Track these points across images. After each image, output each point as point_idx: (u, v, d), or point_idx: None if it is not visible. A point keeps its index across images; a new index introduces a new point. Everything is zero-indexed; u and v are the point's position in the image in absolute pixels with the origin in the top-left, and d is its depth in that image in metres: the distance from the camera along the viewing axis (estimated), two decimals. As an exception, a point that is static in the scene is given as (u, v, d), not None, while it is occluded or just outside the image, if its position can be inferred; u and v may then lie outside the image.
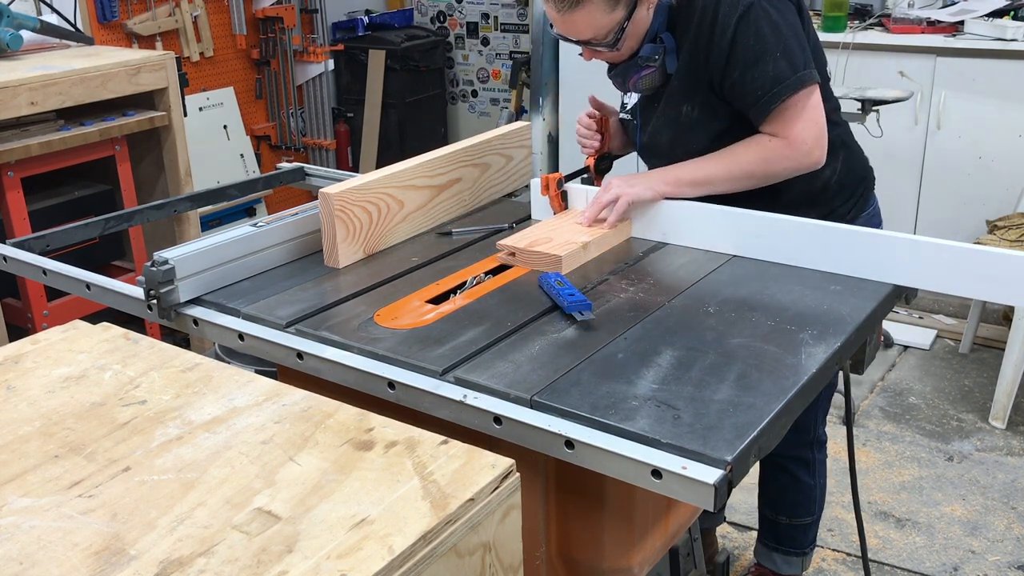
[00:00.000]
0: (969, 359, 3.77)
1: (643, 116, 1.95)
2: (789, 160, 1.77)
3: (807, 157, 1.78)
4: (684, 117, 1.85)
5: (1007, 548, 2.67)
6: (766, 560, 2.40)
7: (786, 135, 1.76)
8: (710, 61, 1.77)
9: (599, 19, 1.73)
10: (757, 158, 1.78)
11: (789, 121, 1.76)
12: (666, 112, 1.88)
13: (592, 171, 1.98)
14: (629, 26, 1.76)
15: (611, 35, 1.76)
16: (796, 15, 1.80)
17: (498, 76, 5.82)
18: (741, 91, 1.77)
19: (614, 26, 1.75)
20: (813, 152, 1.78)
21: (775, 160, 1.77)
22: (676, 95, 1.85)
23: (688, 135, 1.86)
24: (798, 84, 1.74)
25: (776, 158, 1.77)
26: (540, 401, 1.25)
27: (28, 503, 0.95)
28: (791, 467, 2.24)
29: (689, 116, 1.85)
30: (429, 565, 0.89)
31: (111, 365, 1.24)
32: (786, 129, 1.76)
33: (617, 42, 1.77)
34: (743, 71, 1.75)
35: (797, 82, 1.74)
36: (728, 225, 1.75)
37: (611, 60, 1.87)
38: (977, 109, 3.81)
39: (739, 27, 1.73)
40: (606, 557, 1.45)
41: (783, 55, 1.74)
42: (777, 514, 2.32)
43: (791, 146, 1.76)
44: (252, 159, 5.06)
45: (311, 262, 1.78)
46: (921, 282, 1.61)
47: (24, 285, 2.99)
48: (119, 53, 3.26)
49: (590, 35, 1.77)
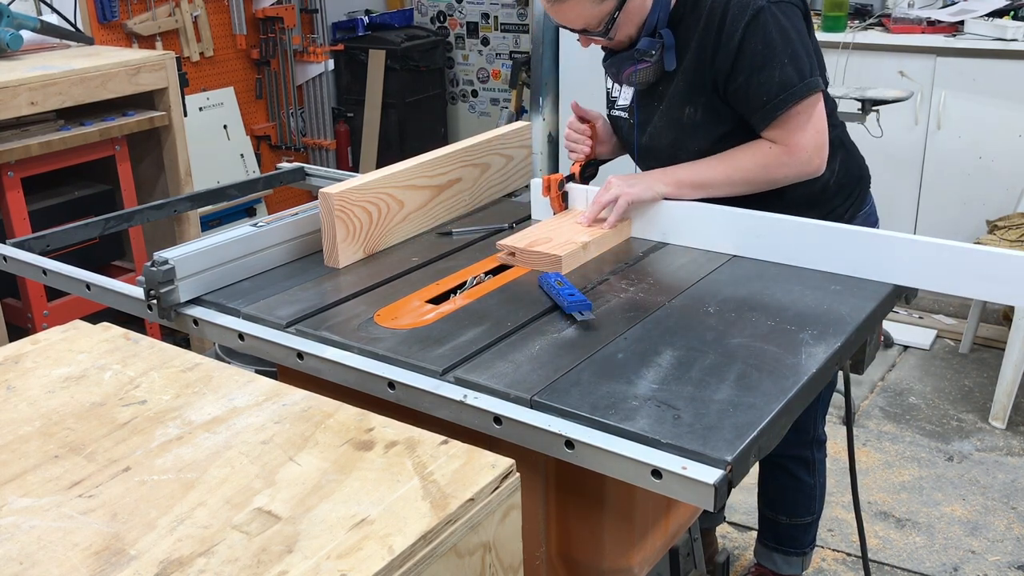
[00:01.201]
0: (969, 359, 3.77)
1: (641, 116, 1.94)
2: (789, 168, 1.77)
3: (807, 165, 1.78)
4: (687, 119, 1.85)
5: (1007, 548, 2.67)
6: (766, 560, 2.40)
7: (787, 143, 1.76)
8: (715, 63, 1.77)
9: (588, 10, 1.74)
10: (757, 165, 1.78)
11: (792, 129, 1.75)
12: (668, 113, 1.87)
13: (578, 178, 1.97)
14: (621, 15, 1.76)
15: (603, 25, 1.76)
16: (803, 21, 1.80)
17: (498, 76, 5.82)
18: (746, 96, 1.76)
19: (604, 16, 1.75)
20: (813, 160, 1.78)
21: (775, 167, 1.77)
22: (679, 96, 1.84)
23: (690, 137, 1.86)
24: (804, 91, 1.73)
25: (776, 165, 1.77)
26: (540, 401, 1.25)
27: (28, 503, 0.95)
28: (791, 467, 2.24)
29: (692, 118, 1.84)
30: (429, 565, 0.89)
31: (111, 365, 1.24)
32: (788, 137, 1.76)
33: (609, 31, 1.77)
34: (749, 76, 1.74)
35: (804, 89, 1.73)
36: (728, 225, 1.75)
37: (609, 47, 1.87)
38: (977, 109, 3.81)
39: (748, 31, 1.72)
40: (606, 557, 1.45)
41: (791, 61, 1.73)
42: (777, 514, 2.32)
43: (792, 154, 1.76)
44: (252, 159, 5.06)
45: (311, 262, 1.78)
46: (921, 282, 1.60)
47: (24, 285, 2.99)
48: (119, 53, 3.26)
49: (582, 25, 1.78)
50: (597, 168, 2.02)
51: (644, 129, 1.94)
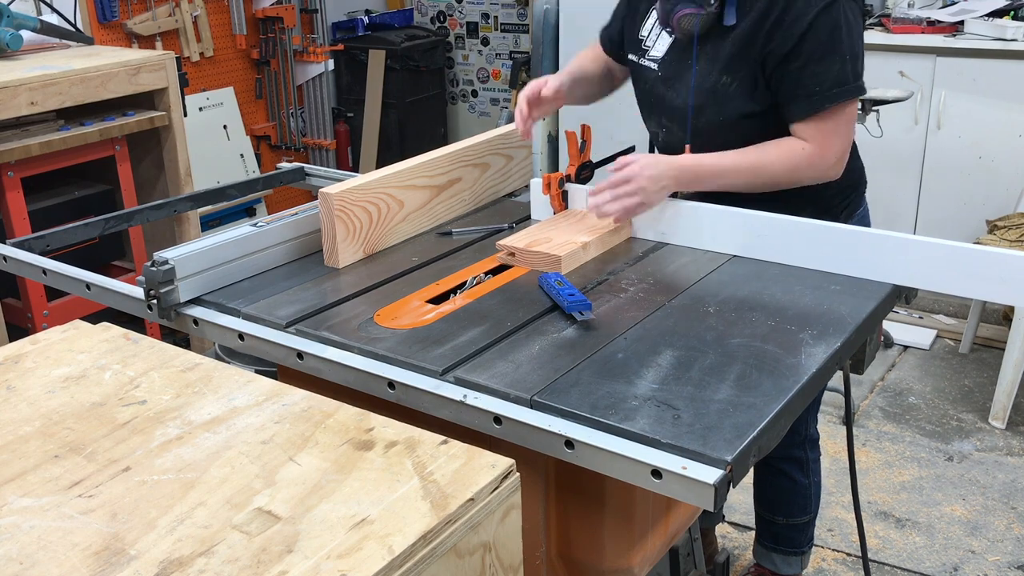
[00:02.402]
0: (969, 359, 3.77)
1: (671, 70, 1.88)
2: (814, 171, 1.77)
3: (831, 170, 1.78)
4: (720, 87, 1.80)
5: (1007, 548, 2.67)
6: (765, 560, 2.40)
7: (820, 144, 1.74)
8: (773, 40, 1.72)
9: None
10: (786, 168, 1.75)
11: (828, 131, 1.74)
12: (702, 75, 1.81)
13: (574, 178, 1.96)
14: None
15: None
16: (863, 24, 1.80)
17: (498, 76, 5.82)
18: (795, 82, 1.73)
19: None
20: (836, 166, 1.78)
21: (803, 170, 1.76)
22: (720, 61, 1.79)
23: (716, 106, 1.81)
24: (854, 92, 1.73)
25: (804, 167, 1.75)
26: (540, 401, 1.25)
27: (28, 503, 0.95)
28: (785, 467, 2.24)
29: (725, 88, 1.79)
30: (429, 565, 0.89)
31: (111, 365, 1.24)
32: (823, 138, 1.74)
33: None
34: (806, 63, 1.71)
35: (854, 90, 1.73)
36: (728, 225, 1.75)
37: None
38: (977, 109, 3.81)
39: (818, 19, 1.69)
40: (606, 557, 1.45)
41: (850, 59, 1.72)
42: (773, 515, 2.32)
43: (822, 157, 1.74)
44: (252, 159, 5.06)
45: (311, 262, 1.78)
46: (921, 282, 1.60)
47: (24, 285, 2.99)
48: (119, 53, 3.26)
49: None
50: (593, 171, 2.02)
51: (670, 84, 1.89)
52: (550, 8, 4.51)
